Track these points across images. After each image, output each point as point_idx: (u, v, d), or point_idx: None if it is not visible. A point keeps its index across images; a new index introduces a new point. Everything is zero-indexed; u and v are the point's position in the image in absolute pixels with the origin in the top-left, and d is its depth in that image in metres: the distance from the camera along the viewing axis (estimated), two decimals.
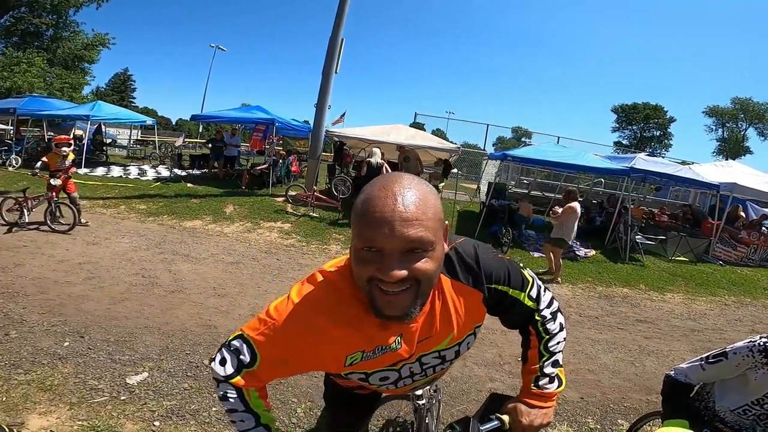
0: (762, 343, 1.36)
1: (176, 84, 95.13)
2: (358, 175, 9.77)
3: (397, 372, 1.06)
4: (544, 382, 1.08)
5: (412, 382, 1.13)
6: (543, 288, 1.13)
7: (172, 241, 6.53)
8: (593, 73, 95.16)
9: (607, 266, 7.64)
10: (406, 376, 1.08)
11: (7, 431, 1.91)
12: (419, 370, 1.08)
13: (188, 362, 3.13)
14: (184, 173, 12.63)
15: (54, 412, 2.40)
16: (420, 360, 1.05)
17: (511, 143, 31.28)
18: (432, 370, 1.12)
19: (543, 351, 1.10)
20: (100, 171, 12.01)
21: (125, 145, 18.60)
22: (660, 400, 1.65)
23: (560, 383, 1.10)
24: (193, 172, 13.10)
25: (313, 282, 0.97)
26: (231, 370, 0.96)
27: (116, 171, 12.45)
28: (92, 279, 4.60)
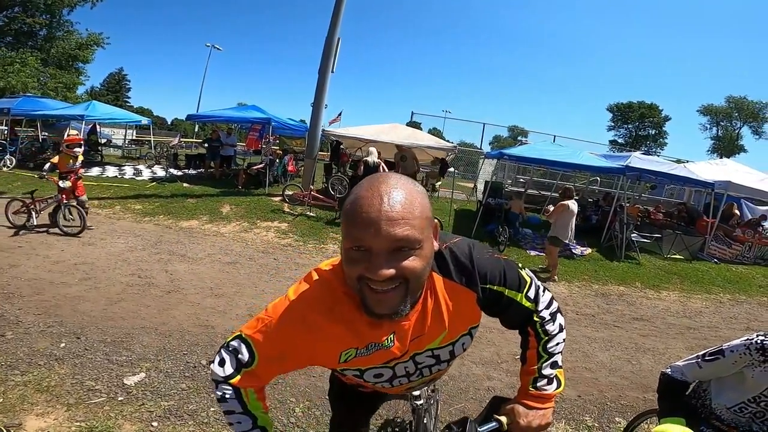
0: (759, 341, 1.36)
1: (172, 84, 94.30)
2: (355, 175, 9.75)
3: (392, 369, 1.06)
4: (542, 383, 1.07)
5: (408, 382, 1.13)
6: (542, 288, 1.11)
7: (168, 241, 6.50)
8: (589, 73, 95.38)
9: (603, 264, 7.68)
10: (401, 375, 1.09)
11: None
12: (414, 369, 1.09)
13: (185, 362, 3.13)
14: (180, 173, 12.57)
15: (51, 413, 2.40)
16: (414, 359, 1.06)
17: (507, 142, 31.40)
18: (428, 371, 1.12)
19: (542, 352, 1.09)
20: (95, 171, 11.94)
21: (120, 145, 18.51)
22: (656, 398, 1.66)
23: (559, 384, 1.09)
24: (189, 171, 13.04)
25: (309, 281, 0.99)
26: (230, 370, 0.97)
27: (111, 171, 12.39)
28: (88, 280, 4.57)
